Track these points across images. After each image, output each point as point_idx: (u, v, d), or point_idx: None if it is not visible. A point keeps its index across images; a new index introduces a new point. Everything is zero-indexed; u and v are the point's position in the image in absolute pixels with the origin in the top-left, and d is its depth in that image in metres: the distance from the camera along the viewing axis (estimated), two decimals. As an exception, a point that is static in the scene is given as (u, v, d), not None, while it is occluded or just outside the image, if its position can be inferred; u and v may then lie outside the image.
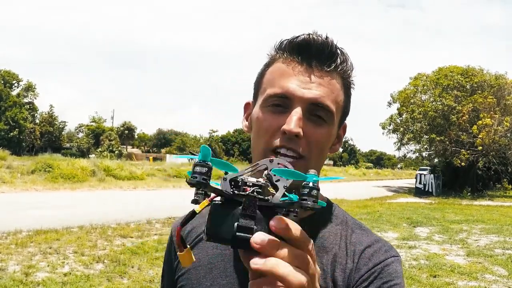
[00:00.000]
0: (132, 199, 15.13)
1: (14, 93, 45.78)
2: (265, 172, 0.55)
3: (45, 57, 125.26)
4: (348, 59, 0.80)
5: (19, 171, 18.83)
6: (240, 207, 0.51)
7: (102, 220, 9.40)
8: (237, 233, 0.50)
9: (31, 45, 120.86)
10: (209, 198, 0.52)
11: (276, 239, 0.49)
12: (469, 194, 23.06)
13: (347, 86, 0.81)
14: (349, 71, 0.81)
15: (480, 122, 22.03)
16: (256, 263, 0.48)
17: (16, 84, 46.56)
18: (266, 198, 0.52)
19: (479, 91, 23.65)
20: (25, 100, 47.74)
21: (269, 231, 0.50)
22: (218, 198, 0.53)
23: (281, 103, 0.76)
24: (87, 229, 8.43)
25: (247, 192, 0.51)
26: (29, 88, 47.33)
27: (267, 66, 0.82)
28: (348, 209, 13.72)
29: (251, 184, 0.52)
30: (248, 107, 0.88)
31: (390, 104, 27.84)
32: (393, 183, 39.27)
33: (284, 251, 0.49)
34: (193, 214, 0.54)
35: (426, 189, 24.06)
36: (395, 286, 0.74)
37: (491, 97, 22.64)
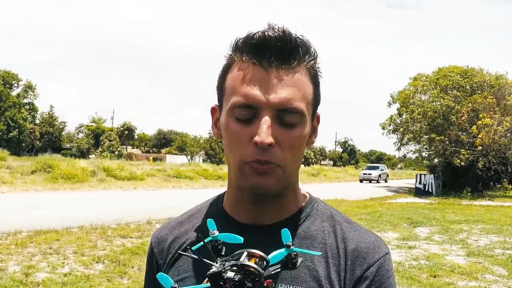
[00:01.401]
0: (132, 199, 15.14)
1: (14, 93, 45.72)
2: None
3: (45, 57, 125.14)
4: (310, 47, 0.74)
5: (19, 172, 18.86)
6: None
7: (102, 220, 9.40)
8: None
9: (31, 45, 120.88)
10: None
11: None
12: (469, 194, 23.03)
13: (314, 75, 0.76)
14: (313, 60, 0.75)
15: (479, 122, 22.03)
16: None
17: (15, 84, 46.50)
18: None
19: (479, 91, 23.65)
20: (25, 100, 47.69)
21: None
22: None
23: (247, 111, 0.71)
24: (87, 229, 8.44)
25: None
26: (29, 88, 47.27)
27: (226, 69, 0.77)
28: (348, 209, 13.73)
29: (230, 280, 0.60)
30: (214, 112, 0.82)
31: (390, 104, 27.83)
32: (393, 183, 39.22)
33: None
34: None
35: (426, 189, 24.05)
36: (390, 287, 0.77)
37: (491, 97, 22.64)
